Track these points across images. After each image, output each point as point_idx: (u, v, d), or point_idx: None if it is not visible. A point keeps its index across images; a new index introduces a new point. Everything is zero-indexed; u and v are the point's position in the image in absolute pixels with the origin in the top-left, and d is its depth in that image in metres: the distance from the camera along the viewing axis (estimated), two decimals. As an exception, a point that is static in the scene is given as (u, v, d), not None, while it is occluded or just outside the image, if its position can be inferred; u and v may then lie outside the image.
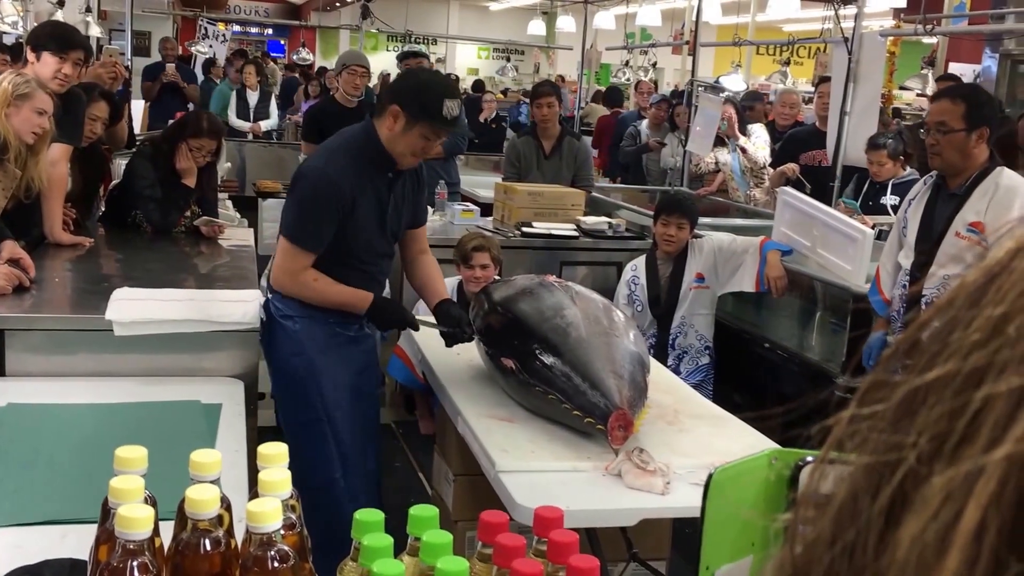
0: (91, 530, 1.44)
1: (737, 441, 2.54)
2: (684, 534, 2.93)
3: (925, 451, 0.28)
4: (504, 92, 13.94)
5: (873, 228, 4.25)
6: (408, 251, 3.23)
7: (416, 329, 3.08)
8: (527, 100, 12.28)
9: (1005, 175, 3.30)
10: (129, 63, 9.03)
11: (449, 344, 3.01)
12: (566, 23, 11.06)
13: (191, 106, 9.66)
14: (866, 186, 5.27)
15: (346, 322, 3.03)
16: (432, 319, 3.05)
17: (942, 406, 0.28)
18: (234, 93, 9.67)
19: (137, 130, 6.85)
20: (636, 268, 4.42)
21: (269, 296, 3.07)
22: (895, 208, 4.56)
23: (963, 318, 0.29)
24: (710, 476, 1.23)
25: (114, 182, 4.58)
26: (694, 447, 2.56)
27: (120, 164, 4.84)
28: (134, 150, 4.69)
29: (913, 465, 0.28)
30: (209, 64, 11.02)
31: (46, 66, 3.62)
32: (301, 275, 2.93)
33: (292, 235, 2.93)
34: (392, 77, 13.31)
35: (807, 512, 0.32)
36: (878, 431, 0.30)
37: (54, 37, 3.66)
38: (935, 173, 3.50)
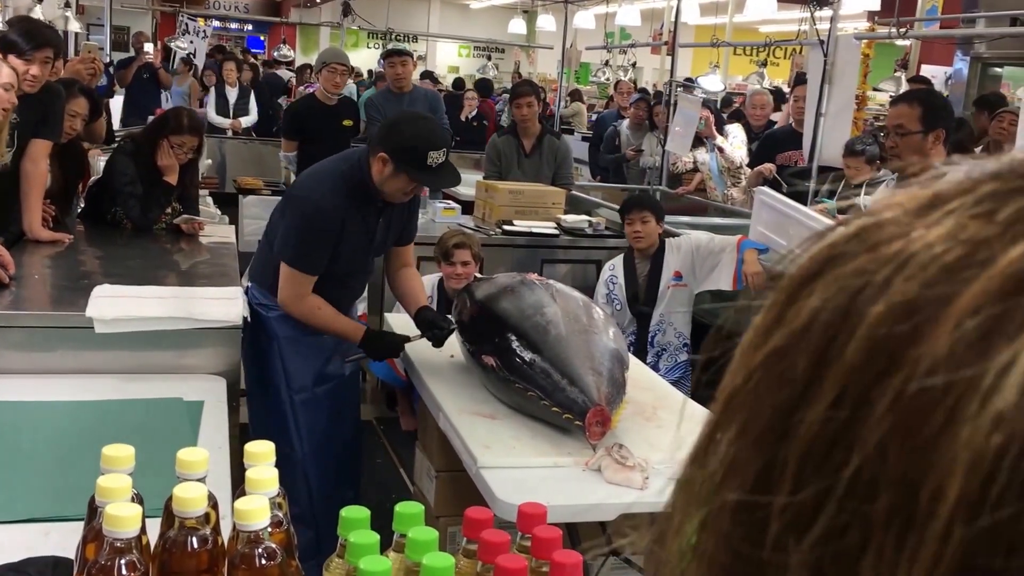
0: (74, 528, 1.44)
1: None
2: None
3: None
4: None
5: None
6: (392, 264, 3.39)
7: (402, 347, 3.21)
8: (499, 97, 12.32)
9: None
10: (108, 58, 8.99)
11: (437, 345, 3.10)
12: (546, 22, 11.08)
13: (164, 94, 9.60)
14: (840, 186, 5.31)
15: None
16: (411, 333, 3.18)
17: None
18: (213, 89, 9.63)
19: (116, 125, 6.81)
20: (614, 267, 4.45)
21: (248, 284, 3.28)
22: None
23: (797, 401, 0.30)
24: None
25: (93, 178, 4.56)
26: (672, 443, 2.59)
27: (99, 160, 4.82)
28: (114, 146, 4.67)
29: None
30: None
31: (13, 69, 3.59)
32: (307, 300, 3.12)
33: (290, 260, 3.10)
34: (375, 75, 13.32)
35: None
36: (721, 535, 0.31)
37: (18, 38, 3.60)
38: (898, 175, 3.58)
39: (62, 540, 1.65)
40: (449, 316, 3.19)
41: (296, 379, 3.21)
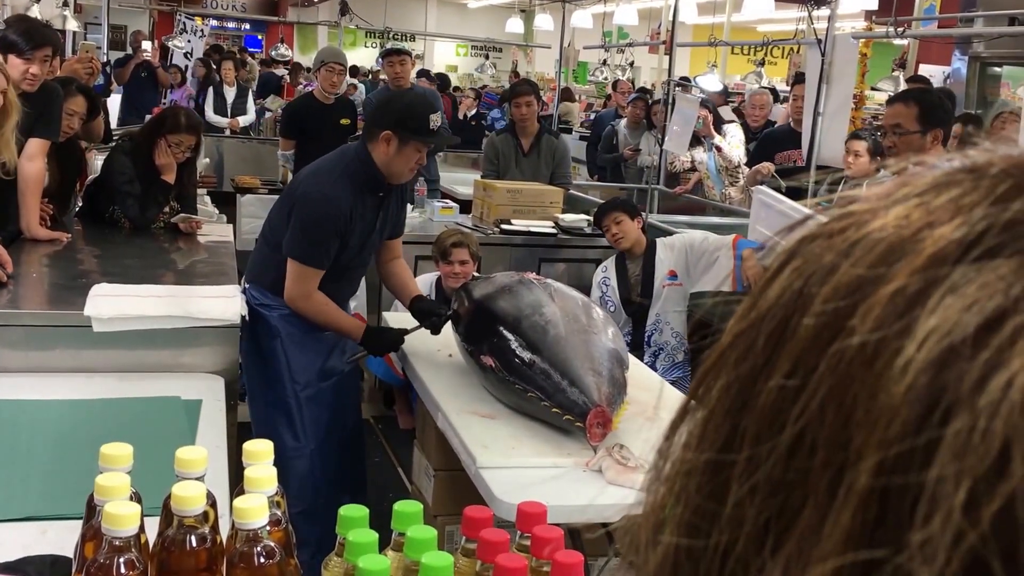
0: (71, 526, 1.44)
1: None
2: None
3: (754, 532, 0.31)
4: (482, 89, 13.96)
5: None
6: (382, 257, 3.45)
7: (403, 341, 3.24)
8: (489, 96, 12.31)
9: None
10: (106, 57, 8.97)
11: (435, 332, 3.17)
12: (544, 21, 11.09)
13: (163, 92, 9.58)
14: (840, 187, 5.31)
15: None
16: (409, 325, 3.25)
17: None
18: (211, 89, 9.63)
19: (113, 124, 6.81)
20: (606, 269, 4.47)
21: (247, 286, 3.29)
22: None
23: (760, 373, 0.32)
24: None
25: (91, 177, 4.56)
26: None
27: (97, 159, 4.81)
28: (112, 145, 4.66)
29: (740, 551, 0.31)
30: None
31: (13, 68, 3.59)
32: (314, 297, 3.16)
33: (300, 256, 3.13)
34: (373, 72, 13.33)
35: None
36: (690, 491, 0.34)
37: (17, 38, 3.61)
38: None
39: (59, 539, 1.65)
40: (445, 308, 3.26)
41: (301, 375, 3.25)
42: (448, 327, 3.14)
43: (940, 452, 0.27)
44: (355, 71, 12.25)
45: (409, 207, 4.20)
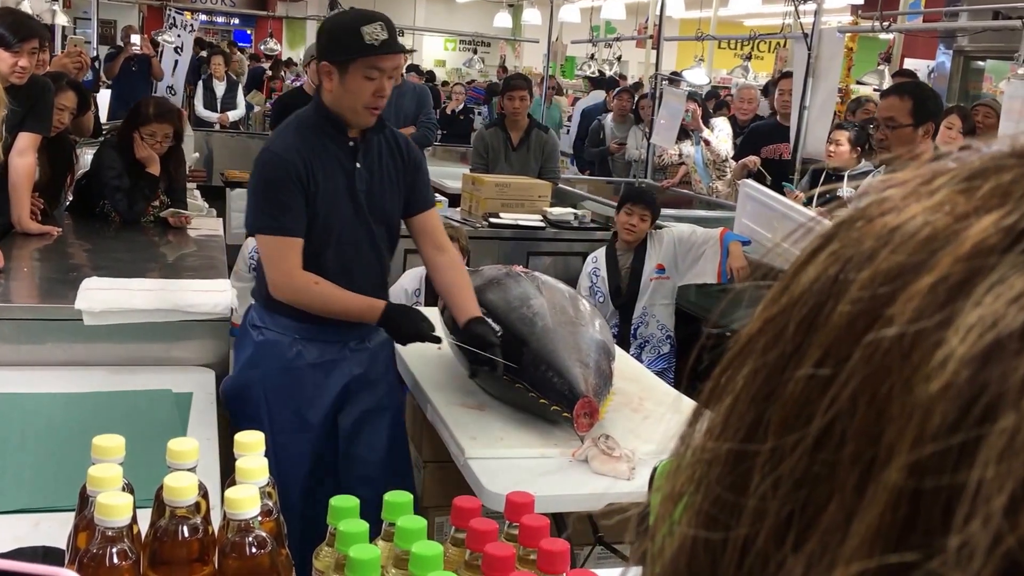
0: (63, 518, 1.45)
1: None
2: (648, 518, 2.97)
3: (775, 526, 0.30)
4: (469, 84, 13.95)
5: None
6: (423, 247, 2.84)
7: (437, 342, 2.72)
8: (476, 90, 12.28)
9: None
10: (95, 52, 8.93)
11: (472, 374, 2.72)
12: (532, 16, 11.06)
13: (155, 85, 9.54)
14: (822, 179, 5.35)
15: (319, 339, 2.75)
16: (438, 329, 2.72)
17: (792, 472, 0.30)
18: (200, 83, 9.61)
19: (103, 118, 6.79)
20: (597, 260, 4.48)
21: (251, 303, 2.86)
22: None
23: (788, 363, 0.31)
24: (655, 469, 1.28)
25: (81, 171, 4.56)
26: (658, 433, 2.61)
27: (86, 154, 4.81)
28: (101, 140, 4.66)
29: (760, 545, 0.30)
30: None
31: (1, 62, 3.59)
32: (298, 275, 2.61)
33: (262, 227, 2.62)
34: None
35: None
36: (709, 486, 0.32)
37: (4, 31, 3.60)
38: (884, 167, 3.60)
39: (51, 531, 1.66)
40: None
41: (279, 418, 2.73)
42: (439, 322, 2.82)
43: (982, 452, 0.25)
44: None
45: None
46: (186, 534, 1.28)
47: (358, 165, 2.67)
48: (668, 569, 0.33)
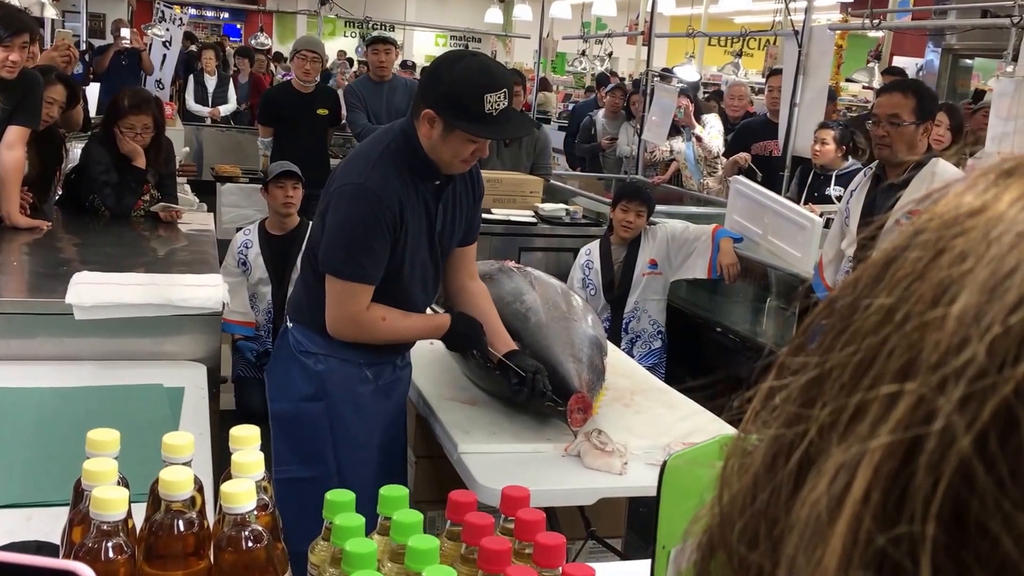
0: (56, 513, 1.45)
1: (690, 421, 2.61)
2: (640, 513, 2.99)
3: (826, 424, 0.33)
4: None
5: (821, 216, 4.34)
6: (454, 276, 2.73)
7: (491, 362, 2.64)
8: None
9: (940, 165, 3.38)
10: (84, 45, 8.88)
11: (516, 399, 2.60)
12: (523, 12, 11.06)
13: (144, 79, 9.51)
14: (811, 177, 5.37)
15: (379, 362, 2.66)
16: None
17: (840, 384, 0.33)
18: (192, 77, 9.58)
19: (92, 112, 6.77)
20: (590, 252, 4.48)
21: (289, 326, 2.68)
22: (840, 199, 4.67)
23: (862, 301, 0.34)
24: (664, 463, 1.28)
25: (70, 166, 4.54)
26: (650, 428, 2.62)
27: (76, 148, 4.80)
28: (90, 134, 4.65)
29: (815, 437, 0.33)
30: None
31: None
32: (365, 317, 2.50)
33: (342, 271, 2.47)
34: (355, 61, 13.25)
35: (731, 470, 0.37)
36: (790, 403, 0.35)
37: None
38: (875, 164, 3.59)
39: (44, 525, 1.65)
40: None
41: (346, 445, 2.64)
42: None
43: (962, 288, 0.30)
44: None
45: None
46: (182, 528, 1.28)
47: (441, 206, 2.57)
48: (758, 462, 0.36)
